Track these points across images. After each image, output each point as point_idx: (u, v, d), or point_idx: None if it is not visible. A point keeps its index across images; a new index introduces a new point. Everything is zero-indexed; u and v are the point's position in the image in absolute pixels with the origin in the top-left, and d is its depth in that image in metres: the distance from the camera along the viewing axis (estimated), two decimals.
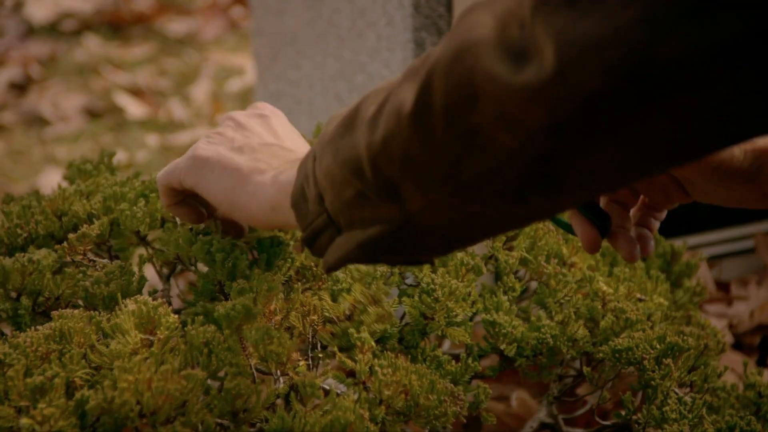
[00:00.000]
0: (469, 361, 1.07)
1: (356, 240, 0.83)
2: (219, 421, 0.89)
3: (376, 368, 0.92)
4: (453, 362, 1.06)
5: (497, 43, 0.68)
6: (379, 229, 0.81)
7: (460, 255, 1.12)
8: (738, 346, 1.72)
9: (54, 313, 0.97)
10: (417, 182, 0.76)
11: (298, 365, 0.94)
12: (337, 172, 0.81)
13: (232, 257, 1.02)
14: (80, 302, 1.05)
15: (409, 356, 1.07)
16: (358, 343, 0.94)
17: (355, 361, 0.94)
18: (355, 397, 0.92)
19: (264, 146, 0.96)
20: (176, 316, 0.94)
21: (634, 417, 1.11)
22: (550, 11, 0.66)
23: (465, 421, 0.97)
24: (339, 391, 0.94)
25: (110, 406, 0.85)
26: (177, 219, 1.15)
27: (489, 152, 0.71)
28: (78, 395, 0.87)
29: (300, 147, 0.98)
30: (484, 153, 0.71)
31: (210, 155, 0.97)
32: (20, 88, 3.23)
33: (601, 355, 1.12)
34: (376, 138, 0.77)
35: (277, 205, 0.92)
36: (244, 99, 3.10)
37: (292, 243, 1.07)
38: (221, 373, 0.92)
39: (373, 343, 0.94)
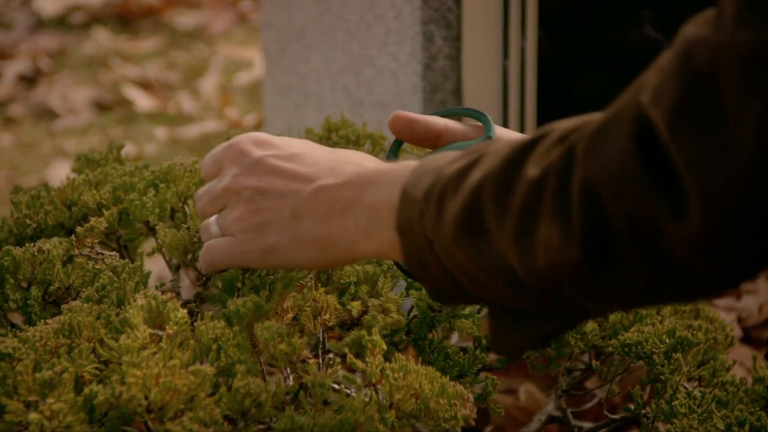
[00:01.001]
0: (477, 352, 1.07)
1: (532, 335, 0.82)
2: (227, 413, 0.89)
3: (388, 371, 0.92)
4: (461, 354, 1.06)
5: (653, 178, 0.67)
6: (555, 326, 0.80)
7: None
8: (747, 339, 1.71)
9: (64, 306, 0.97)
10: (601, 302, 0.75)
11: (308, 364, 0.93)
12: (484, 278, 0.80)
13: None
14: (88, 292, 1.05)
15: (417, 348, 1.07)
16: (369, 345, 0.94)
17: (366, 363, 0.93)
18: (366, 399, 0.91)
19: (307, 200, 0.91)
20: (185, 310, 0.94)
21: (643, 411, 1.11)
22: (692, 127, 0.65)
23: (473, 423, 0.97)
24: (349, 392, 0.94)
25: (118, 401, 0.85)
26: (187, 210, 1.15)
27: (685, 274, 0.69)
28: (87, 390, 0.87)
29: (310, 155, 0.93)
30: (679, 275, 0.70)
31: (273, 240, 0.93)
32: (29, 80, 3.23)
33: (610, 348, 1.12)
34: (536, 265, 0.75)
35: (382, 255, 0.90)
36: (253, 92, 3.11)
37: None
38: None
39: (384, 346, 0.94)
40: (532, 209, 0.74)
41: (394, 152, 1.05)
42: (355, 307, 1.01)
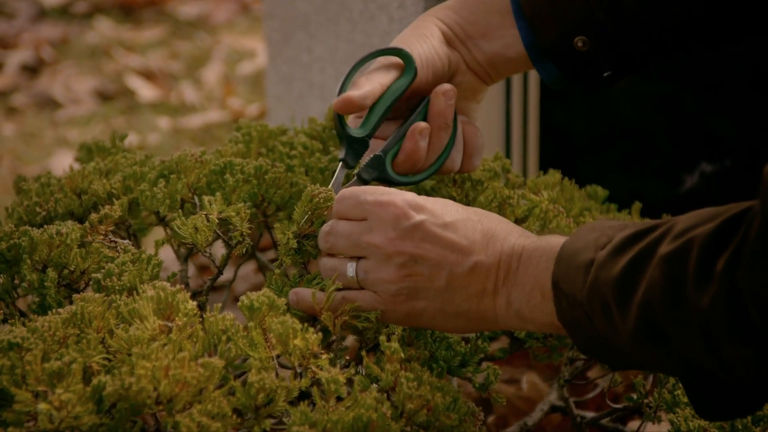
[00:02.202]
0: (479, 342, 1.07)
1: (735, 408, 0.88)
2: (237, 407, 0.89)
3: (402, 380, 0.92)
4: (462, 344, 1.06)
5: None
6: (758, 399, 0.88)
7: None
8: None
9: (75, 296, 0.97)
10: None
11: (321, 359, 0.93)
12: (671, 369, 0.89)
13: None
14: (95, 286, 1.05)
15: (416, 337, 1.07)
16: (387, 352, 0.94)
17: (382, 369, 0.94)
18: (378, 395, 0.92)
19: (463, 275, 0.95)
20: (194, 302, 0.94)
21: (646, 400, 1.11)
22: None
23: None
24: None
25: (127, 392, 0.85)
26: (197, 201, 1.16)
27: None
28: (95, 381, 0.87)
29: (463, 225, 0.96)
30: None
31: (420, 307, 0.96)
32: (32, 70, 3.23)
33: None
34: (734, 374, 0.82)
35: (543, 331, 0.98)
36: (256, 82, 3.11)
37: None
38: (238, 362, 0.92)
39: (402, 354, 0.95)
40: (713, 333, 0.80)
41: (343, 125, 1.10)
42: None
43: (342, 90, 1.09)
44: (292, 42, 1.98)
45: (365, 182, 1.09)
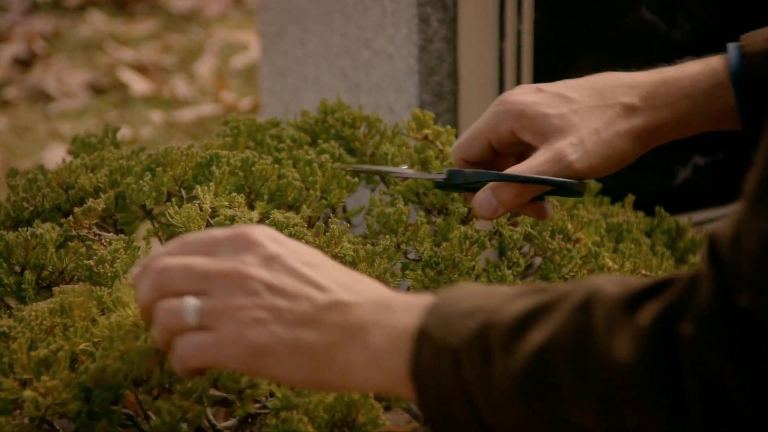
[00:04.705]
0: None
1: None
2: (222, 395, 0.89)
3: None
4: None
5: None
6: None
7: (463, 228, 1.12)
8: None
9: (55, 289, 0.97)
10: None
11: None
12: None
13: None
14: (84, 278, 1.05)
15: None
16: None
17: None
18: None
19: (326, 308, 0.82)
20: None
21: None
22: None
23: None
24: None
25: (103, 375, 0.85)
26: (183, 193, 1.15)
27: None
28: (82, 368, 0.87)
29: (325, 268, 0.85)
30: None
31: (267, 341, 0.82)
32: (25, 63, 3.22)
33: None
34: (624, 423, 0.72)
35: (385, 388, 0.83)
36: (249, 76, 3.10)
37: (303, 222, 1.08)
38: None
39: None
40: (619, 392, 0.72)
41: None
42: None
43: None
44: (285, 35, 1.98)
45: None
